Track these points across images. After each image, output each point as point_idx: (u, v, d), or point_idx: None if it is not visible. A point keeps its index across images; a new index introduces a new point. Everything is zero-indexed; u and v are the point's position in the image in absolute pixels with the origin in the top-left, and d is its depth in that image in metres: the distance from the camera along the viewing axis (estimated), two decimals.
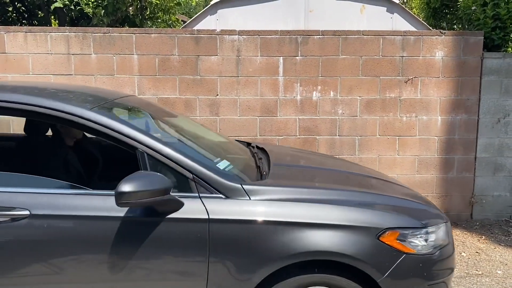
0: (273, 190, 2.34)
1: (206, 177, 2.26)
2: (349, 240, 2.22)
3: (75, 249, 2.17)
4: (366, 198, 2.49)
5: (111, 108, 2.58)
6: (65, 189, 2.36)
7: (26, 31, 4.77)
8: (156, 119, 2.95)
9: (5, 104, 2.28)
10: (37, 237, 2.15)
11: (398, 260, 2.25)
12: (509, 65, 5.02)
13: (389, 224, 2.30)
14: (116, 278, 2.18)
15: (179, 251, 2.19)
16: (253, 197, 2.27)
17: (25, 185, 2.31)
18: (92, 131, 2.33)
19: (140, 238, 2.16)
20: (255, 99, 4.94)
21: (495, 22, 5.05)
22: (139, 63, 4.84)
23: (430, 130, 5.08)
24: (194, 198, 2.24)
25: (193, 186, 2.25)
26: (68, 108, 2.28)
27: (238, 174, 2.51)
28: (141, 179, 2.08)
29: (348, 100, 5.00)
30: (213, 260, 2.18)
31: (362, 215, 2.32)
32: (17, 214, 2.15)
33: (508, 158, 5.16)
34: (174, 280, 2.21)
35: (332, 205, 2.32)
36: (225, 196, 2.26)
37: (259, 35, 4.88)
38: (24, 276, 2.17)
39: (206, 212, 2.20)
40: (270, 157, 3.02)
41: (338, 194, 2.46)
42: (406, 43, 4.93)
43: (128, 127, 2.29)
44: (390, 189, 2.88)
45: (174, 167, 2.25)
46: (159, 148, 2.26)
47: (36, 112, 2.28)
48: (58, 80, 4.80)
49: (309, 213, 2.26)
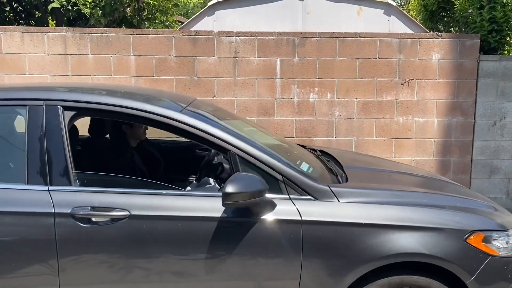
0: (359, 193, 2.38)
1: (296, 179, 2.30)
2: (438, 242, 2.26)
3: (173, 249, 2.21)
4: (449, 201, 2.54)
5: (197, 110, 2.61)
6: (162, 190, 2.40)
7: (23, 31, 4.76)
8: (230, 121, 2.98)
9: (103, 106, 2.34)
10: (136, 238, 2.19)
11: (485, 262, 2.29)
12: (505, 68, 5.04)
13: (476, 227, 2.34)
14: (211, 278, 2.22)
15: (272, 252, 2.22)
16: (342, 199, 2.31)
17: (121, 185, 2.35)
18: (183, 133, 2.37)
19: (236, 238, 2.20)
20: (252, 100, 4.94)
21: (492, 25, 5.07)
22: (136, 63, 4.83)
23: (426, 132, 5.09)
24: (284, 199, 2.27)
25: (283, 188, 2.29)
26: (161, 111, 2.33)
27: (319, 177, 2.53)
28: (243, 180, 2.13)
29: (345, 102, 5.00)
30: (306, 261, 2.21)
31: (450, 217, 2.35)
32: (117, 215, 2.18)
33: (504, 161, 5.18)
34: (267, 280, 2.25)
35: (419, 207, 2.37)
36: (314, 198, 2.29)
37: (256, 37, 4.89)
38: (124, 276, 2.20)
39: (299, 214, 2.23)
40: (338, 160, 3.07)
41: (422, 196, 2.51)
42: (403, 46, 4.95)
43: (219, 130, 2.35)
44: (459, 190, 2.91)
45: (265, 169, 2.29)
46: (250, 150, 2.31)
47: (131, 114, 2.34)
48: (55, 81, 4.79)
49: (398, 215, 2.29)
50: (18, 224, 2.17)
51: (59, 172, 2.24)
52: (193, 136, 2.35)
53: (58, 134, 2.26)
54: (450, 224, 2.31)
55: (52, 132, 2.26)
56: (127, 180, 2.58)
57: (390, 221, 2.26)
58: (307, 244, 2.21)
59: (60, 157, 2.25)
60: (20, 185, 2.23)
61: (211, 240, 2.19)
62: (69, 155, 2.26)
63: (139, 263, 2.20)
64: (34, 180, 2.22)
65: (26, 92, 2.41)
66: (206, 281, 2.22)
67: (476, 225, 2.35)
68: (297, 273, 2.22)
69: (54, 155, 2.25)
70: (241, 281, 2.23)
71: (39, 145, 2.25)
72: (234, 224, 2.22)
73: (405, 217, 2.29)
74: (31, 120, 2.27)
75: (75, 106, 2.33)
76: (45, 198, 2.18)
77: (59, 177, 2.23)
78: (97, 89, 2.71)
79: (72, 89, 2.58)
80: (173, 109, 2.40)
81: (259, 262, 2.22)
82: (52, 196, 2.19)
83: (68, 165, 2.25)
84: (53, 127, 2.26)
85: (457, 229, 2.30)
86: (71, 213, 2.16)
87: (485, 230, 2.35)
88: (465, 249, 2.28)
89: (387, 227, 2.25)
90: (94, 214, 2.18)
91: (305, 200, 2.28)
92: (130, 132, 3.34)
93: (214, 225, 2.19)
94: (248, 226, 2.20)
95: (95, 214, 2.18)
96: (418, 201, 2.43)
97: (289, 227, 2.21)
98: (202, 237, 2.19)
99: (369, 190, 2.45)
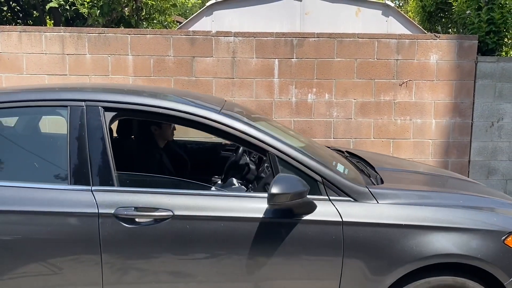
0: (397, 194, 2.40)
1: (335, 180, 2.32)
2: (477, 243, 2.28)
3: (215, 250, 2.23)
4: (484, 202, 2.58)
5: (232, 111, 2.63)
6: (203, 190, 2.43)
7: (20, 31, 4.74)
8: (263, 122, 2.99)
9: (144, 108, 2.35)
10: (179, 238, 2.20)
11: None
12: (503, 69, 5.05)
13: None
14: (253, 278, 2.24)
15: (313, 253, 2.24)
16: (381, 201, 2.33)
17: (162, 186, 2.39)
18: (222, 134, 2.39)
19: (277, 239, 2.22)
20: (250, 101, 4.94)
21: (489, 26, 5.07)
22: (134, 63, 4.83)
23: (424, 133, 5.09)
24: (324, 200, 2.30)
25: (322, 189, 2.31)
26: (202, 112, 2.36)
27: (355, 178, 2.55)
28: (287, 181, 2.14)
29: (343, 102, 5.00)
30: (347, 262, 2.24)
31: (487, 218, 2.38)
32: (161, 215, 2.19)
33: (501, 162, 5.18)
34: (307, 280, 2.27)
35: (456, 208, 2.39)
36: (353, 199, 2.31)
37: (254, 37, 4.88)
38: (167, 276, 2.22)
39: (339, 215, 2.25)
40: (369, 161, 3.10)
41: (457, 197, 2.55)
42: (401, 46, 4.95)
43: (258, 131, 2.37)
44: (489, 191, 2.93)
45: (304, 170, 2.31)
46: (289, 151, 2.33)
47: (171, 115, 2.36)
48: (53, 81, 4.78)
49: (437, 216, 2.32)
50: (63, 224, 2.18)
51: (101, 172, 2.26)
52: (232, 137, 2.38)
53: (99, 134, 2.28)
54: (487, 226, 2.34)
55: (94, 133, 2.28)
56: (168, 180, 2.62)
57: (429, 222, 2.29)
58: (348, 245, 2.23)
59: (102, 157, 2.27)
60: (63, 185, 2.25)
61: (253, 240, 2.21)
62: (111, 156, 2.28)
63: (182, 263, 2.22)
64: (77, 180, 2.24)
65: (66, 93, 2.42)
66: (249, 281, 2.25)
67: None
68: (338, 274, 2.25)
69: (96, 155, 2.26)
70: (282, 280, 2.26)
71: (81, 145, 2.27)
72: (276, 225, 2.24)
73: (443, 219, 2.32)
74: (72, 121, 2.29)
75: (115, 107, 2.35)
76: (89, 199, 2.20)
77: (102, 178, 2.25)
78: (135, 90, 2.73)
79: (111, 90, 2.59)
80: (212, 110, 2.42)
81: (300, 262, 2.24)
82: (95, 197, 2.20)
83: (110, 165, 2.26)
84: (94, 128, 2.29)
85: (494, 230, 2.32)
86: (114, 213, 2.17)
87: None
88: (504, 250, 2.30)
89: (426, 228, 2.27)
90: (138, 215, 2.19)
91: (344, 202, 2.30)
92: (158, 132, 3.37)
93: (256, 226, 2.22)
94: (289, 227, 2.23)
95: (139, 214, 2.19)
96: (454, 202, 2.46)
97: (330, 228, 2.24)
98: (245, 238, 2.21)
99: (406, 191, 2.48)
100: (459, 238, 2.28)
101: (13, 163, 2.40)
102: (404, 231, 2.25)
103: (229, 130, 2.34)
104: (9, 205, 2.17)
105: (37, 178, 2.33)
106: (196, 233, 2.20)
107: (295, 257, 2.23)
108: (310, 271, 2.26)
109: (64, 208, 2.18)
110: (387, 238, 2.24)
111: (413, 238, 2.25)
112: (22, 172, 2.38)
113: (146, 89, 2.99)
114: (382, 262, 2.24)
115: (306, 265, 2.25)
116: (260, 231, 2.22)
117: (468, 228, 2.31)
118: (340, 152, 3.40)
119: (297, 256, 2.24)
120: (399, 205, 2.33)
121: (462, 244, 2.27)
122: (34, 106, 2.38)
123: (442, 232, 2.28)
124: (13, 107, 2.38)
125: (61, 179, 2.30)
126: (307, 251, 2.24)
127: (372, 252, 2.24)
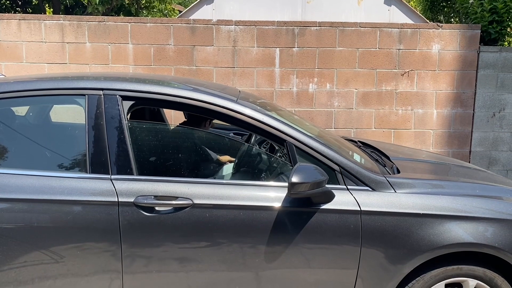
0: (414, 183, 2.41)
1: (353, 169, 2.33)
2: (495, 233, 2.29)
3: (235, 238, 2.23)
4: (501, 191, 2.57)
5: (247, 101, 2.62)
6: (222, 179, 2.42)
7: (20, 19, 4.71)
8: (279, 111, 2.99)
9: (161, 96, 2.36)
10: (199, 226, 2.21)
11: None
12: (505, 59, 5.02)
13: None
14: (272, 266, 2.26)
15: (331, 241, 2.25)
16: (399, 190, 2.34)
17: (182, 174, 2.38)
18: (239, 123, 2.39)
19: (296, 228, 2.24)
20: (251, 90, 4.91)
21: (492, 16, 5.04)
22: (134, 52, 4.79)
23: (425, 123, 5.08)
24: (342, 190, 2.30)
25: (340, 178, 2.32)
26: (219, 101, 2.36)
27: (372, 167, 2.54)
28: (307, 170, 2.14)
29: (344, 92, 4.98)
30: (365, 251, 2.25)
31: (506, 208, 2.38)
32: (181, 204, 2.20)
33: (502, 152, 5.18)
34: (325, 269, 2.29)
35: (474, 197, 2.39)
36: (371, 189, 2.32)
37: (255, 26, 4.84)
38: (186, 265, 2.23)
39: (357, 204, 2.26)
40: (383, 151, 3.10)
41: (474, 187, 2.55)
42: (403, 36, 4.92)
43: (275, 120, 2.37)
44: (504, 181, 2.93)
45: (322, 159, 2.32)
46: (307, 141, 2.34)
47: (188, 104, 2.37)
48: (53, 70, 4.76)
49: (454, 206, 2.32)
50: (83, 212, 2.19)
51: (120, 161, 2.26)
52: (249, 126, 2.38)
53: (118, 123, 2.28)
54: (506, 215, 2.34)
55: (112, 121, 2.28)
56: (187, 168, 2.58)
57: (447, 212, 2.30)
58: (366, 234, 2.24)
59: (121, 146, 2.27)
60: (83, 174, 2.26)
61: (272, 229, 2.22)
62: (130, 144, 2.28)
63: (202, 252, 2.23)
64: (96, 169, 2.24)
65: (84, 82, 2.41)
66: (268, 269, 2.26)
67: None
68: (356, 263, 2.26)
69: (115, 144, 2.27)
70: (302, 269, 2.27)
71: (100, 134, 2.27)
72: (295, 214, 2.25)
73: (460, 208, 2.32)
74: (90, 109, 2.29)
75: (133, 95, 2.35)
76: (109, 187, 2.20)
77: (121, 166, 2.25)
78: (151, 79, 2.72)
79: (128, 78, 2.59)
80: (229, 99, 2.41)
81: (318, 251, 2.26)
82: (115, 185, 2.21)
83: (129, 153, 2.27)
84: (113, 116, 2.29)
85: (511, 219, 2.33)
86: (134, 202, 2.18)
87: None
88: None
89: (443, 217, 2.28)
90: (158, 203, 2.20)
91: (362, 191, 2.31)
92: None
93: (275, 215, 2.23)
94: (308, 216, 2.24)
95: (159, 203, 2.20)
96: (471, 191, 2.46)
97: (348, 217, 2.25)
98: (264, 227, 2.22)
99: (423, 180, 2.49)
100: (477, 227, 2.28)
101: (32, 152, 2.40)
102: (422, 220, 2.26)
103: (247, 119, 2.34)
104: (29, 193, 2.18)
105: (56, 167, 2.34)
106: (215, 222, 2.21)
107: (313, 246, 2.25)
108: (328, 260, 2.27)
109: (84, 196, 2.19)
110: (405, 227, 2.25)
111: (431, 228, 2.26)
112: (42, 161, 2.38)
113: (159, 78, 2.99)
114: (400, 251, 2.25)
115: (324, 254, 2.26)
116: (279, 220, 2.23)
117: (486, 218, 2.31)
118: (353, 142, 3.40)
119: (316, 245, 2.25)
120: (417, 195, 2.33)
121: (480, 233, 2.28)
122: (51, 94, 2.38)
123: (461, 221, 2.29)
124: (29, 96, 2.37)
125: (80, 168, 2.31)
126: (325, 240, 2.25)
127: (390, 241, 2.25)
